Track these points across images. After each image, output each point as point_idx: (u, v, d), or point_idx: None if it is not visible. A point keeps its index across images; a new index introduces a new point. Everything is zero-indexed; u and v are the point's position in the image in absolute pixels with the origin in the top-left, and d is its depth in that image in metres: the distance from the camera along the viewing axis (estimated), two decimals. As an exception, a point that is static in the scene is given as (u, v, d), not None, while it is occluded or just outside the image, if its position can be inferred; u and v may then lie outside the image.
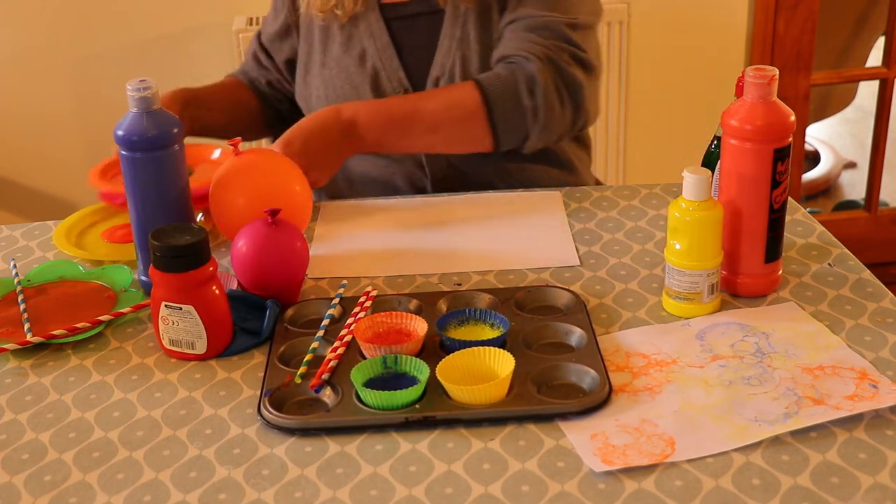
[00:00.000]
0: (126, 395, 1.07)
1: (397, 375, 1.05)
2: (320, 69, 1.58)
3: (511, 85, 1.42)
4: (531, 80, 1.42)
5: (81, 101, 2.53)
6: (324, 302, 1.19)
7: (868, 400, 0.99)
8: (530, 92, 1.42)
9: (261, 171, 1.29)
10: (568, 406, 1.00)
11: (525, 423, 0.99)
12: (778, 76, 1.13)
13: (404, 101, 1.47)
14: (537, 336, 1.12)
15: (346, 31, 1.56)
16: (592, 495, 0.89)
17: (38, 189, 2.62)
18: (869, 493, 0.88)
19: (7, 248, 1.40)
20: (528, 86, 1.42)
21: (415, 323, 1.11)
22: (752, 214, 1.16)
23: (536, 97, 1.42)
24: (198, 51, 2.51)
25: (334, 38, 1.57)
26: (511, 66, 1.44)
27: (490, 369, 1.04)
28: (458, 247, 1.34)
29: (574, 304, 1.17)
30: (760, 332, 1.12)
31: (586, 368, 1.04)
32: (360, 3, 1.53)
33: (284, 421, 1.00)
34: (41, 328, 1.17)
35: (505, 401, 1.00)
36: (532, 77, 1.42)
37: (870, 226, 2.89)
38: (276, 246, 1.18)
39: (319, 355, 1.09)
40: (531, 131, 1.45)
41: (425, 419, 0.99)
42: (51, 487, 0.94)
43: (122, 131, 1.17)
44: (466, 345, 1.06)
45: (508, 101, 1.43)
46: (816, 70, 2.69)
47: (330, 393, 1.03)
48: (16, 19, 2.44)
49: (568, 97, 1.45)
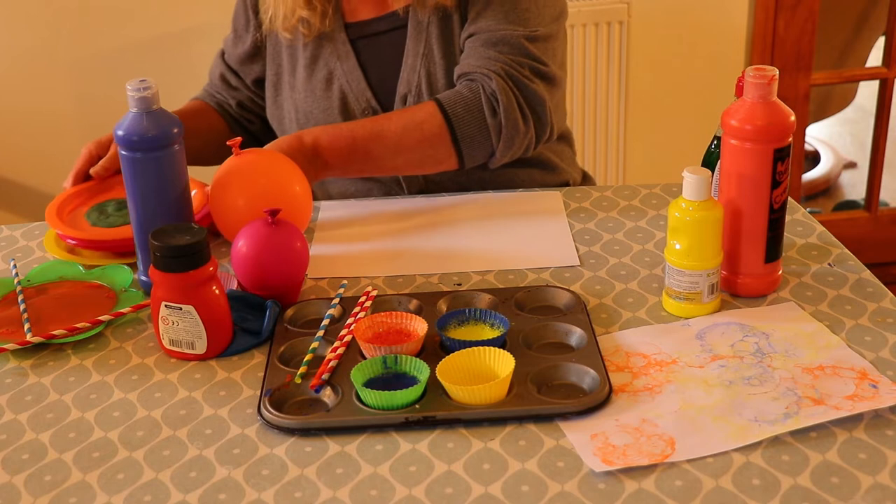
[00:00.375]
0: (126, 395, 1.07)
1: (397, 375, 1.05)
2: (290, 92, 1.57)
3: (473, 104, 1.42)
4: (493, 99, 1.42)
5: (81, 101, 2.53)
6: (324, 302, 1.19)
7: (868, 400, 0.99)
8: (492, 110, 1.42)
9: (261, 172, 1.29)
10: (568, 406, 1.00)
11: (525, 423, 0.99)
12: (778, 76, 1.13)
13: (367, 124, 1.44)
14: (537, 336, 1.12)
15: (309, 52, 1.55)
16: (592, 495, 0.89)
17: (38, 189, 2.62)
18: (869, 493, 0.88)
19: (7, 248, 1.40)
20: (489, 104, 1.42)
21: (415, 323, 1.11)
22: (752, 214, 1.16)
23: (499, 115, 1.42)
24: (198, 51, 2.50)
25: (299, 60, 1.56)
26: (472, 83, 1.43)
27: (490, 369, 1.04)
28: (458, 247, 1.34)
29: (574, 304, 1.17)
30: (760, 332, 1.12)
31: (586, 368, 1.04)
32: (327, 22, 1.52)
33: (284, 421, 1.00)
34: (41, 328, 1.17)
35: (505, 401, 1.00)
36: (494, 95, 1.41)
37: (870, 226, 2.89)
38: (276, 246, 1.17)
39: (319, 355, 1.09)
40: (496, 149, 1.44)
41: (425, 419, 0.99)
42: (51, 487, 0.94)
43: (122, 131, 1.17)
44: (466, 345, 1.06)
45: (471, 120, 1.42)
46: (816, 70, 2.69)
47: (330, 393, 1.03)
48: (16, 19, 2.44)
49: (530, 113, 1.44)
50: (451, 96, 1.43)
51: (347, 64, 1.53)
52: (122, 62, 2.49)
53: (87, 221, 1.38)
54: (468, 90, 1.43)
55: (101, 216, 1.38)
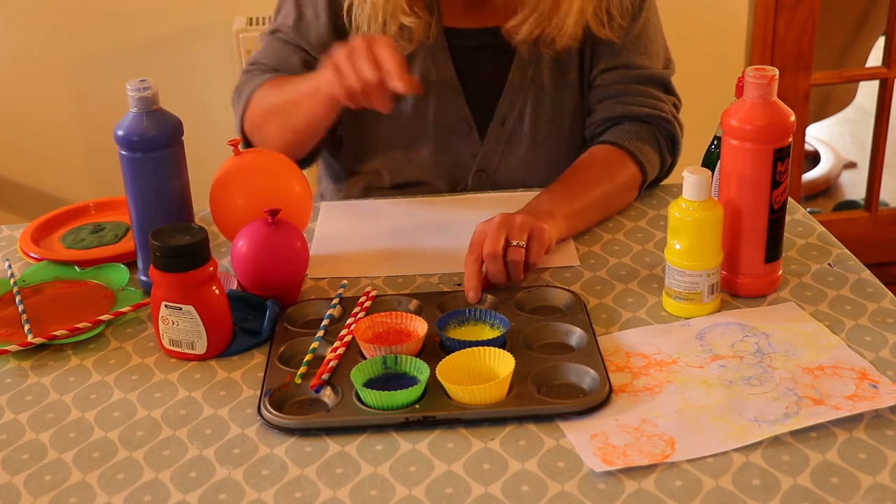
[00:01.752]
0: (126, 395, 1.07)
1: (397, 375, 1.05)
2: None
3: (658, 154, 1.46)
4: (674, 141, 1.48)
5: (81, 101, 2.53)
6: (324, 302, 1.19)
7: (868, 400, 0.99)
8: (671, 153, 1.49)
9: (261, 171, 1.29)
10: (568, 406, 1.00)
11: (525, 423, 0.99)
12: (778, 76, 1.13)
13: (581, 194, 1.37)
14: (537, 336, 1.12)
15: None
16: (592, 495, 0.89)
17: (38, 189, 2.62)
18: (869, 493, 0.88)
19: (7, 248, 1.40)
20: (670, 146, 1.48)
21: (415, 323, 1.11)
22: (752, 214, 1.16)
23: (676, 156, 1.49)
24: (198, 51, 2.51)
25: None
26: (650, 126, 1.47)
27: (490, 369, 1.04)
28: (458, 247, 1.33)
29: (574, 304, 1.17)
30: (760, 332, 1.12)
31: (586, 368, 1.04)
32: (431, 32, 1.44)
33: (284, 421, 1.00)
34: (40, 328, 1.17)
35: (505, 401, 1.00)
36: (675, 139, 1.48)
37: (870, 226, 2.89)
38: (276, 246, 1.17)
39: (319, 355, 1.09)
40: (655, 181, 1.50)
41: (425, 419, 0.99)
42: (51, 487, 0.94)
43: (122, 131, 1.17)
44: (466, 345, 1.06)
45: (657, 168, 1.47)
46: (816, 70, 2.69)
47: (330, 393, 1.03)
48: (16, 19, 2.44)
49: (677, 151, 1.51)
50: (645, 153, 1.44)
51: (444, 71, 1.48)
52: (122, 62, 2.49)
53: (62, 245, 1.39)
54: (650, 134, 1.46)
55: (77, 240, 1.39)
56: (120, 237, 1.38)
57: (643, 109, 1.47)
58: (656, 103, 1.48)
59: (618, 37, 1.46)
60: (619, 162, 1.42)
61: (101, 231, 1.40)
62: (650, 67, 1.49)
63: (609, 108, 1.48)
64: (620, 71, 1.48)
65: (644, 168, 1.43)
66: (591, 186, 1.38)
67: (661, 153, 1.46)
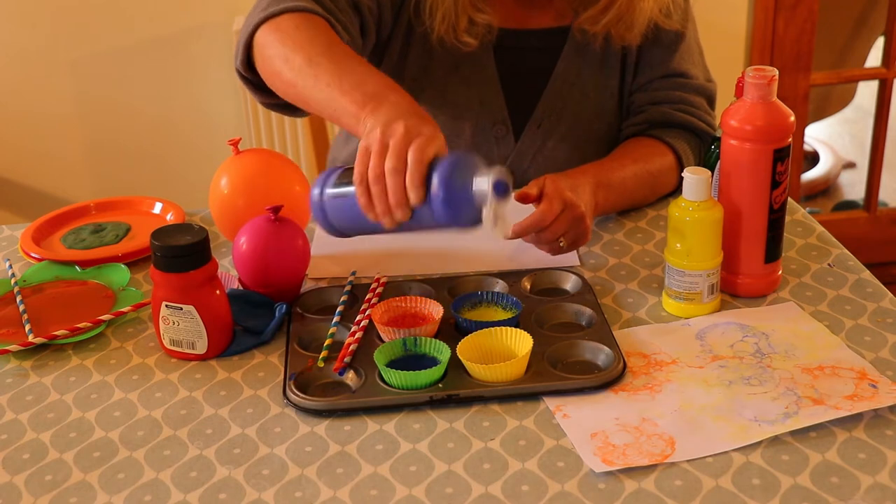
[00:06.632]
0: (127, 395, 1.07)
1: (417, 357, 1.07)
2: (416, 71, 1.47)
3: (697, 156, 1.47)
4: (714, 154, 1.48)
5: (81, 101, 2.53)
6: (335, 289, 1.21)
7: (867, 400, 0.99)
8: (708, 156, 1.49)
9: (261, 172, 1.29)
10: (586, 381, 1.02)
11: (543, 397, 1.01)
12: (778, 76, 1.13)
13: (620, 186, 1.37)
14: (549, 316, 1.15)
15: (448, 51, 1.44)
16: (592, 495, 0.89)
17: (38, 189, 2.62)
18: (869, 493, 0.88)
19: (8, 248, 1.40)
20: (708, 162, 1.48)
21: (430, 306, 1.13)
22: (752, 214, 1.16)
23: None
24: (198, 51, 2.51)
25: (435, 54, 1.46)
26: (696, 138, 1.47)
27: (508, 348, 1.06)
28: (458, 247, 1.34)
29: (581, 285, 1.20)
30: (760, 333, 1.12)
31: (600, 346, 1.07)
32: (493, 33, 1.43)
33: (312, 403, 1.01)
34: (41, 328, 1.17)
35: (524, 378, 1.03)
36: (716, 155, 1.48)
37: (869, 226, 2.89)
38: (278, 243, 1.18)
39: (338, 340, 1.11)
40: None
41: (449, 397, 1.01)
42: (51, 487, 0.94)
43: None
44: (482, 326, 1.09)
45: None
46: (816, 70, 2.69)
47: (353, 376, 1.05)
48: (16, 19, 2.45)
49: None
50: (685, 150, 1.45)
51: (486, 72, 1.47)
52: (122, 62, 2.49)
53: (63, 245, 1.39)
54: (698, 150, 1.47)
55: (77, 240, 1.39)
56: (120, 237, 1.39)
57: (694, 121, 1.47)
58: (705, 116, 1.49)
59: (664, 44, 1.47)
60: (659, 150, 1.44)
61: (102, 231, 1.40)
62: (696, 80, 1.49)
63: (660, 113, 1.47)
64: (668, 78, 1.48)
65: (680, 160, 1.44)
66: (629, 163, 1.40)
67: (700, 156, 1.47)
